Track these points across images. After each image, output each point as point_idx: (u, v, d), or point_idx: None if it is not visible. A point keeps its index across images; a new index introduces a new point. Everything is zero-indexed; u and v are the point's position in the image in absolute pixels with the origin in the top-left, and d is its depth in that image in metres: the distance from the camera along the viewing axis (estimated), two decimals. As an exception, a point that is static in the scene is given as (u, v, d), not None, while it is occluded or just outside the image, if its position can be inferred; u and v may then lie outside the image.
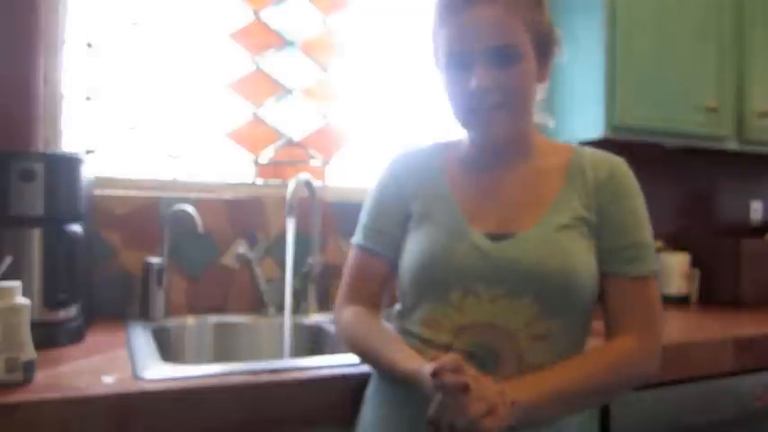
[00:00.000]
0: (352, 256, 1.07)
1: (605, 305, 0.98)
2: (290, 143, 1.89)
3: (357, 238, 1.07)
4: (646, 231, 0.99)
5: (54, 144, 1.58)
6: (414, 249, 0.99)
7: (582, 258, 0.94)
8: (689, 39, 1.91)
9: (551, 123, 1.10)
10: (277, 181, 1.85)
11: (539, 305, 0.91)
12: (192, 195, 1.68)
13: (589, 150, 1.04)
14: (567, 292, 0.92)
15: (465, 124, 1.00)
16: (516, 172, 1.01)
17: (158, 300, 1.55)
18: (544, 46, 0.99)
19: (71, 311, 1.29)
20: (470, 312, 0.92)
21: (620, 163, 1.01)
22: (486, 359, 0.90)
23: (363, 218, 1.08)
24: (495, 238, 0.95)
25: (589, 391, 0.90)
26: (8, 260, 1.15)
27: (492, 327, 0.91)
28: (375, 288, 1.05)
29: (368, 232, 1.06)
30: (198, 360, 1.54)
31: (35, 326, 1.03)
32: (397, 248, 1.03)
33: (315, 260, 1.71)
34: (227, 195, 1.73)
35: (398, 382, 0.92)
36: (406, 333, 1.00)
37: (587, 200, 0.98)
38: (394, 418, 0.97)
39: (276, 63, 1.86)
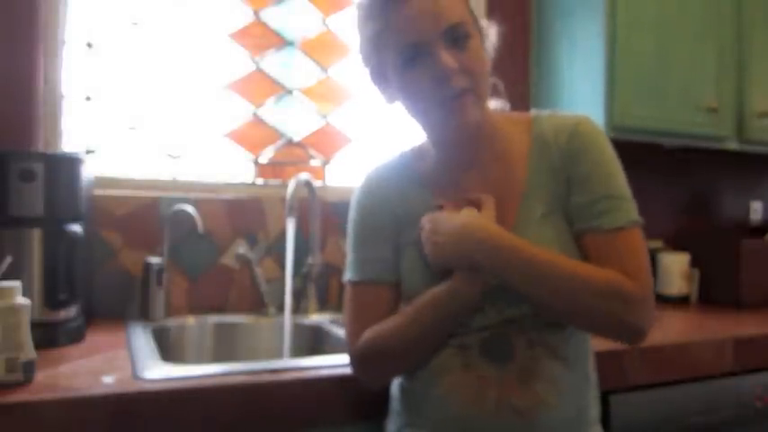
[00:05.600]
0: (351, 295, 1.01)
1: None
2: (290, 143, 1.89)
3: (351, 274, 1.01)
4: (617, 182, 0.93)
5: (54, 144, 1.58)
6: (411, 272, 0.97)
7: (569, 245, 0.92)
8: (689, 39, 1.91)
9: (507, 107, 1.06)
10: (277, 181, 1.85)
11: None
12: (192, 195, 1.68)
13: (548, 117, 0.99)
14: None
15: (432, 119, 0.95)
16: (484, 167, 0.98)
17: (158, 300, 1.55)
18: (480, 31, 0.96)
19: (71, 311, 1.29)
20: (478, 323, 0.92)
21: (578, 121, 0.96)
22: (498, 350, 0.91)
23: (353, 252, 1.02)
24: None
25: (563, 279, 0.86)
26: (8, 260, 1.14)
27: (500, 322, 0.91)
28: (385, 317, 0.97)
29: (362, 264, 1.00)
30: (198, 360, 1.54)
31: (35, 326, 1.03)
32: (396, 270, 0.99)
33: (315, 260, 1.71)
34: (227, 195, 1.73)
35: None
36: None
37: (556, 175, 0.94)
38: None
39: (276, 63, 1.86)
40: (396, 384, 1.02)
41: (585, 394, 0.96)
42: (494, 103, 1.04)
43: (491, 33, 0.98)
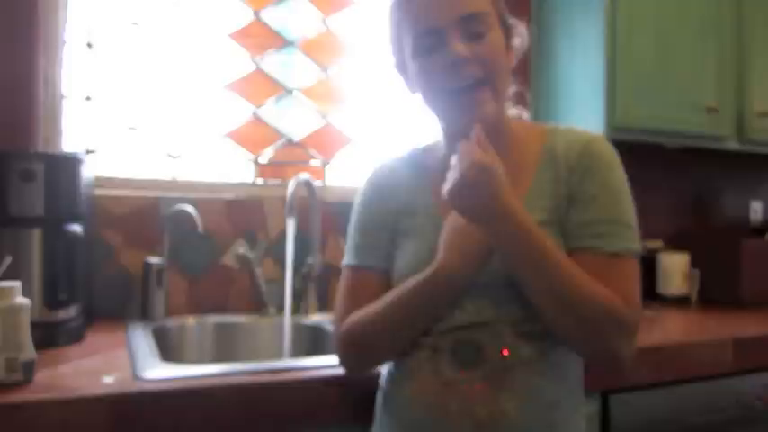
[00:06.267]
0: (346, 277, 1.03)
1: None
2: (290, 143, 1.88)
3: (349, 259, 1.03)
4: (622, 207, 0.92)
5: (54, 144, 1.58)
6: (401, 265, 0.98)
7: None
8: (689, 39, 1.91)
9: (525, 115, 1.08)
10: (277, 181, 1.85)
11: (523, 311, 0.89)
12: (192, 195, 1.68)
13: (564, 131, 0.98)
14: None
15: (446, 110, 0.95)
16: None
17: (158, 300, 1.55)
18: (507, 27, 0.96)
19: (71, 311, 1.30)
20: (457, 319, 0.91)
21: (591, 140, 0.95)
22: (468, 353, 0.90)
23: (353, 238, 1.04)
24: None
25: (561, 278, 0.84)
26: (8, 260, 1.14)
27: (477, 325, 0.90)
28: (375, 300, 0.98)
29: (360, 250, 1.02)
30: (198, 360, 1.54)
31: (35, 326, 1.03)
32: (391, 260, 1.00)
33: (315, 260, 1.71)
34: (227, 195, 1.73)
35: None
36: None
37: (558, 188, 0.93)
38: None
39: (276, 63, 1.86)
40: (378, 389, 1.03)
41: (566, 408, 0.92)
42: (515, 112, 1.04)
43: (521, 32, 0.98)
